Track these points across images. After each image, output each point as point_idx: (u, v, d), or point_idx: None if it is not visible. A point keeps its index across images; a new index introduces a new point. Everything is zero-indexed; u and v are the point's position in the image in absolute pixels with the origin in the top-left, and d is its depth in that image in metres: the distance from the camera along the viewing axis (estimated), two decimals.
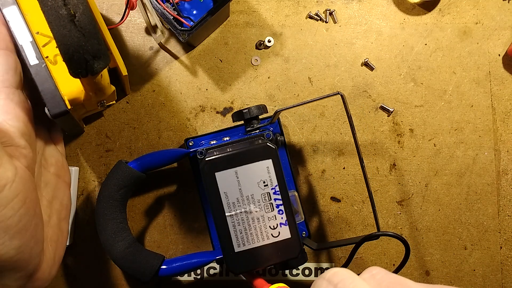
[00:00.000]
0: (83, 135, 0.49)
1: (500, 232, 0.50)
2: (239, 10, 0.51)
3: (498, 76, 0.51)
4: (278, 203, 0.38)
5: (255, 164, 0.38)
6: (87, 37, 0.30)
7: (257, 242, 0.38)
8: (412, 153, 0.50)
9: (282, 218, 0.38)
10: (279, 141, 0.43)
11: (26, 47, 0.39)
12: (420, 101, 0.50)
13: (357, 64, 0.50)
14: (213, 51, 0.50)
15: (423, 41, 0.51)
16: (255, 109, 0.42)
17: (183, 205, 0.49)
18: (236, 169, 0.38)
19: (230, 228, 0.38)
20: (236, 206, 0.38)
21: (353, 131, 0.40)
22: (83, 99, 0.40)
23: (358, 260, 0.49)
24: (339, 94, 0.40)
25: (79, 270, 0.48)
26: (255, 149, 0.38)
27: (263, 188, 0.38)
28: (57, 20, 0.29)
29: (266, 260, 0.39)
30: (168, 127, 0.49)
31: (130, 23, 0.50)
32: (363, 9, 0.51)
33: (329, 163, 0.50)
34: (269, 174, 0.38)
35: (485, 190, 0.50)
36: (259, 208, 0.38)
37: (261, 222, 0.38)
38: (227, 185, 0.38)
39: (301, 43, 0.50)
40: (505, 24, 0.51)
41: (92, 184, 0.49)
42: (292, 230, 0.38)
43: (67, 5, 0.29)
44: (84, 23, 0.30)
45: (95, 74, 0.32)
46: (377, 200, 0.49)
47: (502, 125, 0.50)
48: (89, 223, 0.48)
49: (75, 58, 0.31)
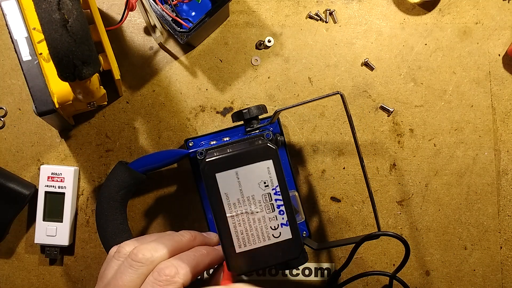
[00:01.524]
0: (83, 135, 0.49)
1: (500, 232, 0.50)
2: (239, 10, 0.51)
3: (498, 76, 0.51)
4: (279, 204, 0.38)
5: (256, 164, 0.38)
6: (78, 43, 0.30)
7: (258, 243, 0.38)
8: (412, 153, 0.50)
9: (283, 219, 0.38)
10: (279, 141, 0.43)
11: (21, 43, 0.39)
12: (420, 101, 0.50)
13: (357, 64, 0.50)
14: (213, 51, 0.50)
15: (423, 41, 0.51)
16: (255, 109, 0.42)
17: (183, 206, 0.49)
18: (236, 169, 0.38)
19: (231, 229, 0.38)
20: (237, 207, 0.38)
21: (353, 131, 0.40)
22: (71, 99, 0.40)
23: (358, 260, 0.49)
24: (338, 94, 0.40)
25: (79, 270, 0.48)
26: (256, 149, 0.38)
27: (264, 189, 0.38)
28: (49, 23, 0.29)
29: (267, 260, 0.39)
30: (168, 127, 0.49)
31: (130, 23, 0.50)
32: (363, 9, 0.51)
33: (329, 163, 0.50)
34: (270, 175, 0.38)
35: (485, 190, 0.50)
36: (260, 209, 0.38)
37: (262, 222, 0.38)
38: (228, 186, 0.38)
39: (301, 43, 0.50)
40: (505, 24, 0.51)
41: (92, 184, 0.49)
42: (293, 230, 0.38)
43: (61, 9, 0.29)
44: (76, 29, 0.30)
45: (83, 79, 0.32)
46: (377, 200, 0.50)
47: (502, 125, 0.50)
48: (89, 223, 0.48)
49: (64, 62, 0.31)
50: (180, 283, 0.34)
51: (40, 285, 0.48)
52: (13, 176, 0.47)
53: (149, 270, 0.35)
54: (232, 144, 0.40)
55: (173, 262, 0.35)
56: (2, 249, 0.48)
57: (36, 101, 0.38)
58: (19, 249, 0.48)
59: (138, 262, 0.35)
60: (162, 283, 0.34)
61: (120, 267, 0.35)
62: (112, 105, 0.49)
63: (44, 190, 0.47)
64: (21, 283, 0.48)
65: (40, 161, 0.49)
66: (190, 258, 0.37)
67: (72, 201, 0.47)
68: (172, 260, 0.36)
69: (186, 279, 0.35)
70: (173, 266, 0.35)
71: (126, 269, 0.35)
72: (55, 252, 0.47)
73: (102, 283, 0.36)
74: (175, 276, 0.34)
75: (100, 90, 0.41)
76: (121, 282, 0.34)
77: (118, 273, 0.35)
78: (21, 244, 0.48)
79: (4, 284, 0.48)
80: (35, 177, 0.48)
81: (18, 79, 0.49)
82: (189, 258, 0.37)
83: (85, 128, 0.49)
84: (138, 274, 0.34)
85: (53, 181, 0.47)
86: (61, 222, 0.47)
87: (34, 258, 0.48)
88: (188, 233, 0.40)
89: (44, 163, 0.49)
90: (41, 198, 0.47)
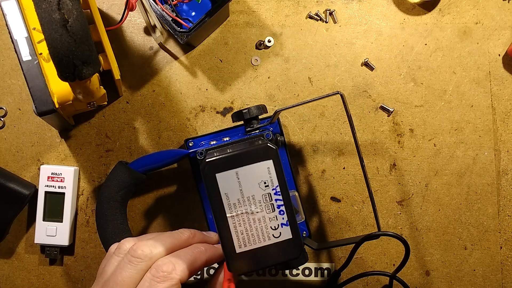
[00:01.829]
0: (83, 135, 0.49)
1: (500, 232, 0.50)
2: (239, 10, 0.51)
3: (498, 76, 0.51)
4: (279, 204, 0.38)
5: (256, 164, 0.38)
6: (78, 43, 0.30)
7: (258, 243, 0.38)
8: (412, 153, 0.50)
9: (283, 219, 0.38)
10: (279, 141, 0.43)
11: (21, 42, 0.39)
12: (420, 101, 0.50)
13: (357, 64, 0.50)
14: (213, 51, 0.50)
15: (423, 41, 0.51)
16: (255, 109, 0.42)
17: (183, 206, 0.49)
18: (236, 170, 0.38)
19: (231, 229, 0.38)
20: (237, 207, 0.38)
21: (353, 131, 0.40)
22: (71, 99, 0.40)
23: (358, 260, 0.49)
24: (338, 94, 0.40)
25: (79, 270, 0.48)
26: (256, 149, 0.38)
27: (264, 189, 0.38)
28: (49, 23, 0.29)
29: (267, 260, 0.39)
30: (168, 127, 0.49)
31: (130, 23, 0.50)
32: (363, 9, 0.51)
33: (329, 163, 0.50)
34: (270, 175, 0.38)
35: (485, 190, 0.50)
36: (260, 209, 0.38)
37: (262, 222, 0.38)
38: (228, 186, 0.38)
39: (301, 43, 0.50)
40: (505, 24, 0.51)
41: (92, 184, 0.49)
42: (293, 230, 0.38)
43: (61, 9, 0.29)
44: (76, 29, 0.30)
45: (83, 79, 0.32)
46: (377, 200, 0.50)
47: (502, 125, 0.50)
48: (89, 223, 0.48)
49: (64, 62, 0.31)
50: (177, 279, 0.35)
51: (40, 285, 0.48)
52: (13, 176, 0.47)
53: (148, 266, 0.36)
54: (232, 144, 0.40)
55: (170, 259, 0.36)
56: (2, 249, 0.48)
57: (36, 101, 0.38)
58: (19, 249, 0.48)
59: (137, 258, 0.35)
60: (159, 279, 0.34)
61: (120, 263, 0.36)
62: (112, 105, 0.49)
63: (44, 190, 0.47)
64: (21, 283, 0.48)
65: (40, 161, 0.49)
66: (187, 255, 0.37)
67: (72, 201, 0.47)
68: (170, 257, 0.36)
69: (183, 276, 0.35)
70: (171, 263, 0.35)
71: (126, 265, 0.35)
72: (55, 252, 0.47)
73: (102, 280, 0.36)
74: (172, 272, 0.35)
75: (100, 90, 0.41)
76: (120, 278, 0.35)
77: (118, 269, 0.36)
78: (21, 244, 0.48)
79: (4, 284, 0.48)
80: (35, 177, 0.48)
81: (18, 79, 0.49)
82: (186, 255, 0.37)
83: (85, 128, 0.49)
84: (137, 270, 0.35)
85: (53, 181, 0.47)
86: (61, 222, 0.47)
87: (34, 258, 0.48)
88: (187, 231, 0.40)
89: (44, 163, 0.49)
90: (41, 198, 0.47)
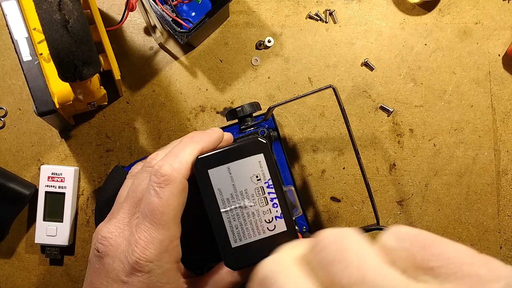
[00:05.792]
0: (83, 135, 0.49)
1: (500, 232, 0.50)
2: (239, 10, 0.51)
3: (498, 76, 0.51)
4: (272, 197, 0.38)
5: (247, 159, 0.38)
6: (78, 43, 0.30)
7: (253, 237, 0.38)
8: (412, 153, 0.50)
9: (277, 212, 0.38)
10: (272, 136, 0.44)
11: (21, 43, 0.39)
12: (420, 101, 0.50)
13: (357, 64, 0.50)
14: (213, 51, 0.50)
15: (423, 41, 0.51)
16: (248, 107, 0.42)
17: None
18: (228, 165, 0.38)
19: (226, 224, 0.38)
20: (231, 201, 0.38)
21: (347, 123, 0.40)
22: (72, 99, 0.40)
23: None
24: (331, 87, 0.40)
25: (79, 270, 0.48)
26: (246, 144, 0.38)
27: (256, 183, 0.38)
28: (50, 24, 0.30)
29: (263, 253, 0.38)
30: (168, 127, 0.49)
31: (130, 23, 0.50)
32: (363, 9, 0.51)
33: (329, 163, 0.50)
34: (262, 168, 0.38)
35: (485, 190, 0.50)
36: (254, 203, 0.38)
37: (256, 216, 0.38)
38: (221, 182, 0.38)
39: (301, 43, 0.50)
40: (505, 24, 0.51)
41: (92, 184, 0.49)
42: (287, 223, 0.38)
43: (62, 10, 0.29)
44: (77, 30, 0.30)
45: (83, 79, 0.32)
46: (377, 200, 0.50)
47: (502, 125, 0.50)
48: (89, 223, 0.48)
49: (64, 63, 0.31)
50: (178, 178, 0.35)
51: (40, 285, 0.48)
52: (13, 176, 0.48)
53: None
54: None
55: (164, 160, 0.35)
56: (2, 249, 0.48)
57: (36, 101, 0.38)
58: (20, 249, 0.48)
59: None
60: (159, 182, 0.34)
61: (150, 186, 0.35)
62: (112, 105, 0.49)
63: (44, 190, 0.47)
64: (21, 283, 0.48)
65: (40, 161, 0.49)
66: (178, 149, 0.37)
67: (72, 201, 0.47)
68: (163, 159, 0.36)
69: (181, 171, 0.35)
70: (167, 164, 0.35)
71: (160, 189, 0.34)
72: (55, 252, 0.47)
73: (132, 200, 0.36)
74: (173, 173, 0.35)
75: (101, 90, 0.41)
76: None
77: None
78: (21, 244, 0.48)
79: (4, 284, 0.48)
80: (35, 177, 0.48)
81: (18, 79, 0.49)
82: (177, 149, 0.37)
83: (85, 128, 0.49)
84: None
85: (53, 181, 0.47)
86: (61, 222, 0.47)
87: (34, 258, 0.48)
88: (212, 132, 0.39)
89: (44, 163, 0.49)
90: (41, 198, 0.47)
